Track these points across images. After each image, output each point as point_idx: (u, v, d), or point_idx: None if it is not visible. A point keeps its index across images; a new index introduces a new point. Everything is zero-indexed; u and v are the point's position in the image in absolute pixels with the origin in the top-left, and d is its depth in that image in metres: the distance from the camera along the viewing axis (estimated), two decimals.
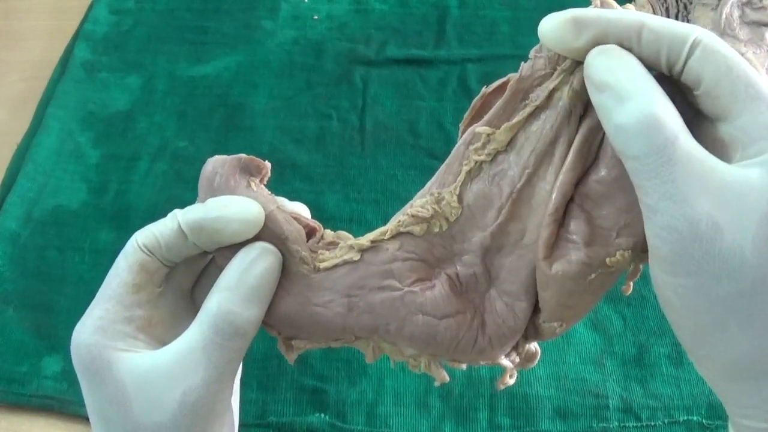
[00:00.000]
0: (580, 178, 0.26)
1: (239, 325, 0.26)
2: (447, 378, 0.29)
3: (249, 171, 0.29)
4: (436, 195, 0.27)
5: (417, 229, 0.28)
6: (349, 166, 0.52)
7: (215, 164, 0.29)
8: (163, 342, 0.28)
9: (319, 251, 0.29)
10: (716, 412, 0.40)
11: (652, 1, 0.48)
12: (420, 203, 0.28)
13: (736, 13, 0.27)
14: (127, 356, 0.26)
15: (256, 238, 0.28)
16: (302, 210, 0.31)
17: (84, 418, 0.42)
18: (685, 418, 0.40)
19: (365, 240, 0.28)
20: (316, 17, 0.62)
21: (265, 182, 0.30)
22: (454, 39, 0.59)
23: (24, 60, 0.61)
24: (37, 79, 0.58)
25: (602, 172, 0.25)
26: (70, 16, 0.63)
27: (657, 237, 0.22)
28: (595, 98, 0.23)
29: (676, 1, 0.51)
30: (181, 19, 0.62)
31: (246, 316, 0.27)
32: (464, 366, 0.29)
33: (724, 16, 0.39)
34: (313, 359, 0.43)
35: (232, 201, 0.27)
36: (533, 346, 0.30)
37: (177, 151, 0.53)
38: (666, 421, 0.40)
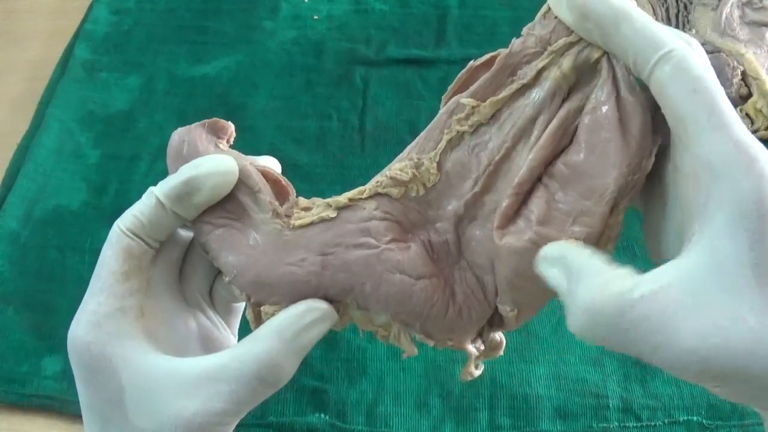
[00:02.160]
0: (551, 159, 0.26)
1: (281, 379, 0.26)
2: (416, 351, 0.29)
3: (215, 133, 0.30)
4: (416, 160, 0.28)
5: (395, 191, 0.28)
6: (349, 166, 0.52)
7: (180, 134, 0.29)
8: (154, 335, 0.27)
9: (295, 213, 0.28)
10: (716, 412, 0.41)
11: (652, 0, 0.47)
12: (399, 166, 0.28)
13: (736, 13, 0.27)
14: (128, 356, 0.26)
15: (230, 194, 0.28)
16: (272, 164, 0.31)
17: None
18: (685, 418, 0.40)
19: (343, 198, 0.28)
20: (316, 17, 0.62)
21: (231, 142, 0.30)
22: (454, 39, 0.59)
23: (24, 60, 0.61)
24: (37, 79, 0.59)
25: (570, 155, 0.25)
26: (70, 16, 0.63)
27: (676, 373, 0.21)
28: (547, 274, 0.24)
29: (677, 1, 0.51)
30: (181, 19, 0.62)
31: (290, 372, 0.26)
32: (432, 342, 0.28)
33: (724, 16, 0.39)
34: (313, 359, 0.43)
35: (205, 159, 0.28)
36: (498, 335, 0.30)
37: None
38: (666, 421, 0.40)
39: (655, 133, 0.25)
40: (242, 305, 0.33)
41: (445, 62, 0.58)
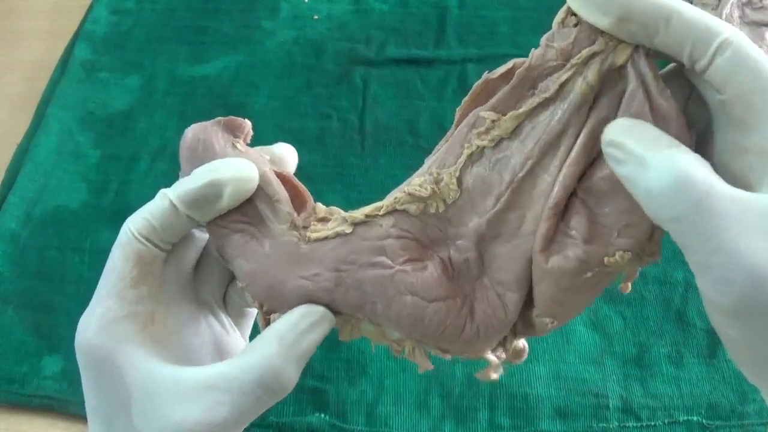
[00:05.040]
0: (584, 173, 0.25)
1: (285, 386, 0.26)
2: (431, 366, 0.28)
3: (231, 132, 0.29)
4: (436, 175, 0.27)
5: (413, 207, 0.27)
6: (348, 166, 0.52)
7: (195, 131, 0.28)
8: (164, 342, 0.27)
9: (312, 224, 0.28)
10: (716, 412, 0.41)
11: None
12: (418, 182, 0.27)
13: (736, 13, 0.27)
14: (135, 363, 0.26)
15: (248, 200, 0.27)
16: (288, 152, 0.30)
17: (84, 418, 0.42)
18: (685, 418, 0.40)
19: (359, 214, 0.27)
20: (316, 17, 0.62)
21: (248, 141, 0.29)
22: (454, 39, 0.59)
23: (24, 60, 0.61)
24: (37, 79, 0.59)
25: (607, 168, 0.24)
26: (70, 16, 0.63)
27: (714, 291, 0.21)
28: (619, 172, 0.23)
29: None
30: (181, 19, 0.62)
31: (293, 378, 0.26)
32: (449, 356, 0.28)
33: (724, 16, 0.39)
34: (313, 359, 0.43)
35: (224, 163, 0.27)
36: (521, 342, 0.29)
37: (177, 151, 0.53)
38: (666, 421, 0.40)
39: (688, 130, 0.24)
40: (255, 310, 0.32)
41: (445, 62, 0.58)
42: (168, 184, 0.55)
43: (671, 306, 0.45)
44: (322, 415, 0.41)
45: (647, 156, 0.22)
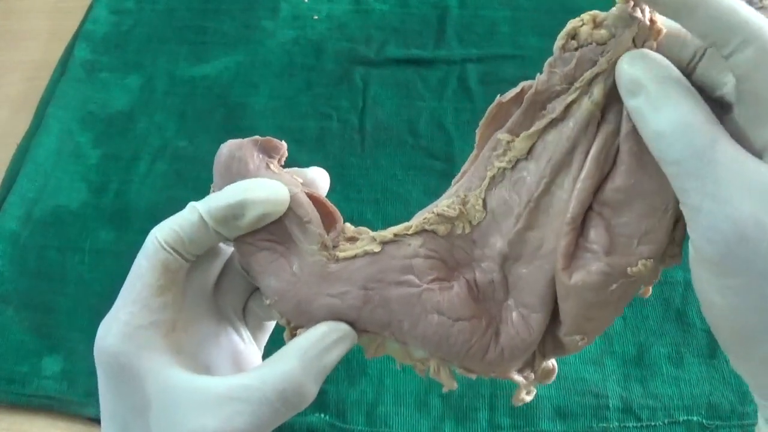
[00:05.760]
0: (598, 186, 0.25)
1: (305, 400, 0.26)
2: (455, 385, 0.29)
3: (266, 152, 0.29)
4: (463, 197, 0.27)
5: (441, 228, 0.27)
6: (349, 166, 0.52)
7: (231, 148, 0.28)
8: (184, 350, 0.27)
9: (340, 244, 0.28)
10: (716, 412, 0.41)
11: None
12: (447, 203, 0.27)
13: None
14: (155, 370, 0.26)
15: (277, 219, 0.27)
16: (321, 176, 0.31)
17: (84, 418, 0.42)
18: (685, 418, 0.40)
19: (388, 233, 0.28)
20: (316, 17, 0.62)
21: (282, 162, 0.29)
22: (454, 39, 0.59)
23: (24, 60, 0.61)
24: (37, 79, 0.59)
25: (620, 179, 0.25)
26: (70, 16, 0.63)
27: (702, 238, 0.21)
28: (629, 103, 0.23)
29: None
30: (181, 19, 0.62)
31: (312, 393, 0.26)
32: (474, 376, 0.28)
33: None
34: None
35: (257, 183, 0.27)
36: (551, 362, 0.29)
37: (177, 151, 0.53)
38: (666, 421, 0.40)
39: None
40: (273, 323, 0.33)
41: (445, 62, 0.58)
42: (168, 184, 0.55)
43: (671, 306, 0.45)
44: (322, 415, 0.41)
45: (659, 96, 0.22)
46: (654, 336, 0.44)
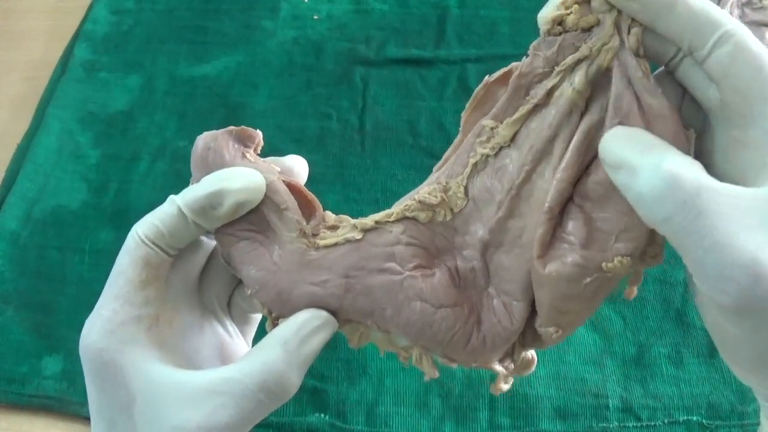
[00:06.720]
0: (579, 177, 0.25)
1: (288, 390, 0.26)
2: (437, 374, 0.29)
3: (242, 142, 0.29)
4: (444, 184, 0.27)
5: (422, 215, 0.27)
6: (349, 166, 0.52)
7: (206, 140, 0.28)
8: (168, 345, 0.27)
9: (321, 232, 0.28)
10: (716, 412, 0.41)
11: None
12: (428, 190, 0.27)
13: (736, 13, 0.27)
14: (139, 366, 0.26)
15: (255, 208, 0.27)
16: (298, 163, 0.31)
17: (84, 418, 0.42)
18: (685, 418, 0.40)
19: (369, 220, 0.28)
20: (316, 17, 0.62)
21: (258, 151, 0.29)
22: (454, 39, 0.59)
23: (24, 60, 0.61)
24: (37, 79, 0.59)
25: (602, 172, 0.24)
26: (70, 16, 0.63)
27: (714, 290, 0.21)
28: (614, 177, 0.23)
29: None
30: (181, 19, 0.62)
31: (295, 383, 0.26)
32: (455, 365, 0.28)
33: None
34: None
35: (232, 172, 0.27)
36: (530, 353, 0.29)
37: (177, 151, 0.53)
38: (666, 421, 0.40)
39: (687, 128, 0.24)
40: (259, 315, 0.32)
41: (445, 62, 0.58)
42: (168, 184, 0.55)
43: (671, 306, 0.45)
44: (322, 415, 0.41)
45: (638, 162, 0.22)
46: (654, 336, 0.44)
